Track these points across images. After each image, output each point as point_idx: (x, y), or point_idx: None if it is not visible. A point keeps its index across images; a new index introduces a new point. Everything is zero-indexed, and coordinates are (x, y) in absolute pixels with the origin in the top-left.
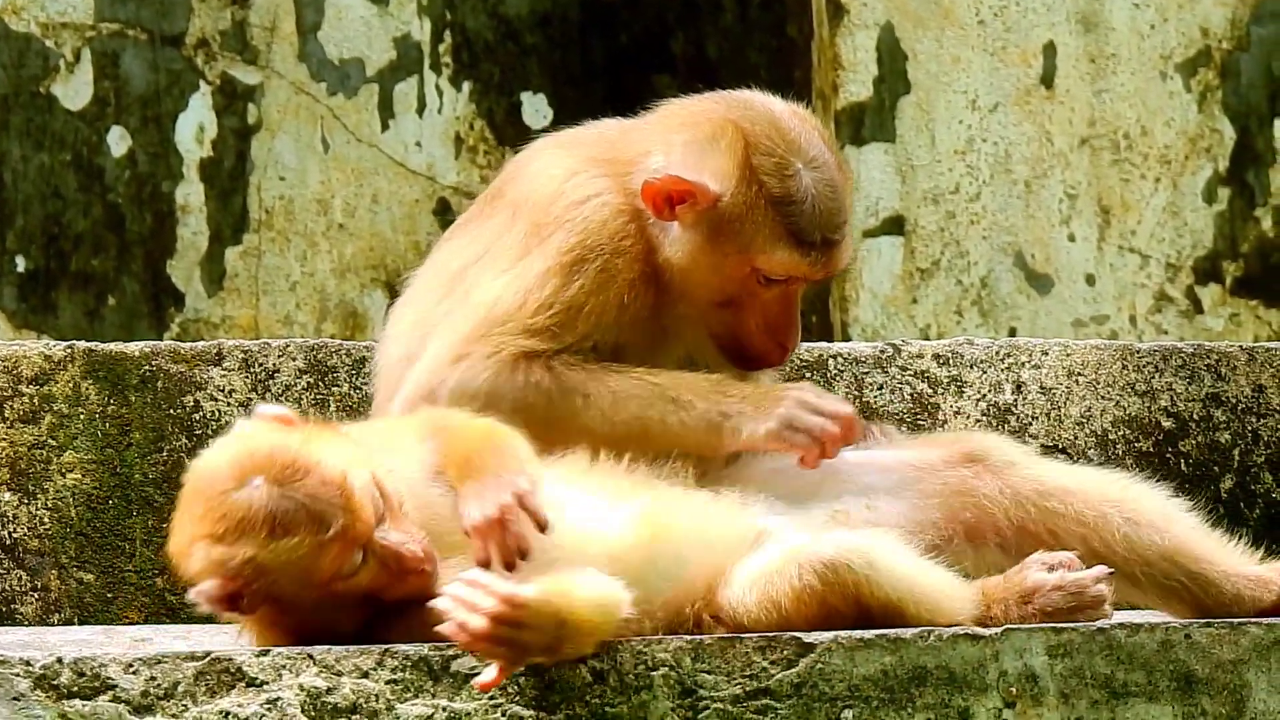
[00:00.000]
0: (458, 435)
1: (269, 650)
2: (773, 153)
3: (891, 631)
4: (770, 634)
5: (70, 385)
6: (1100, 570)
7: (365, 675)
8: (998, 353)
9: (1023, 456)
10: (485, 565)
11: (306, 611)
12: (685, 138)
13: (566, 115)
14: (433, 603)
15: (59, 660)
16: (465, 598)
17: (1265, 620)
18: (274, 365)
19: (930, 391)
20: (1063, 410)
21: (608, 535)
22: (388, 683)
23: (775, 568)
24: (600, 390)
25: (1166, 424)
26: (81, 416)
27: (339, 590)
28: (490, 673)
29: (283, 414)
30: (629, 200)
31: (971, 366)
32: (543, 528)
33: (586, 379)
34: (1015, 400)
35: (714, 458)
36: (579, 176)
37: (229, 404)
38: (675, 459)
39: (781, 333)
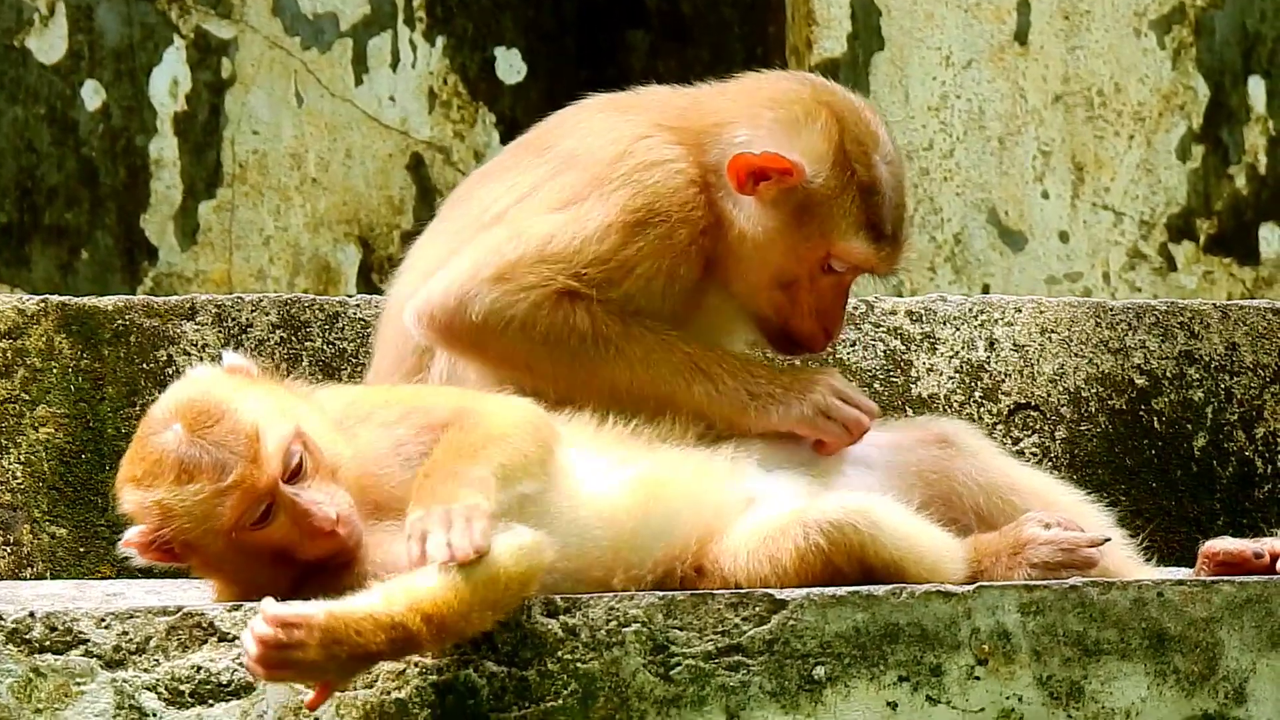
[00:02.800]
0: (467, 431)
1: (241, 605)
2: (861, 141)
3: (864, 589)
4: (742, 590)
5: (43, 339)
6: (1097, 535)
7: None
8: (971, 309)
9: (986, 446)
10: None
11: (233, 564)
12: (775, 115)
13: (540, 71)
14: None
15: (31, 614)
16: (250, 622)
17: (1237, 579)
18: (247, 320)
19: (903, 348)
20: (1036, 367)
21: (602, 498)
22: None
23: (778, 528)
24: (634, 347)
25: (1140, 381)
26: (54, 371)
27: (250, 542)
28: (311, 694)
29: (241, 364)
30: (700, 171)
31: (944, 323)
32: (483, 553)
33: (623, 333)
34: (988, 357)
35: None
36: (650, 140)
37: (202, 358)
38: (680, 423)
39: (829, 319)
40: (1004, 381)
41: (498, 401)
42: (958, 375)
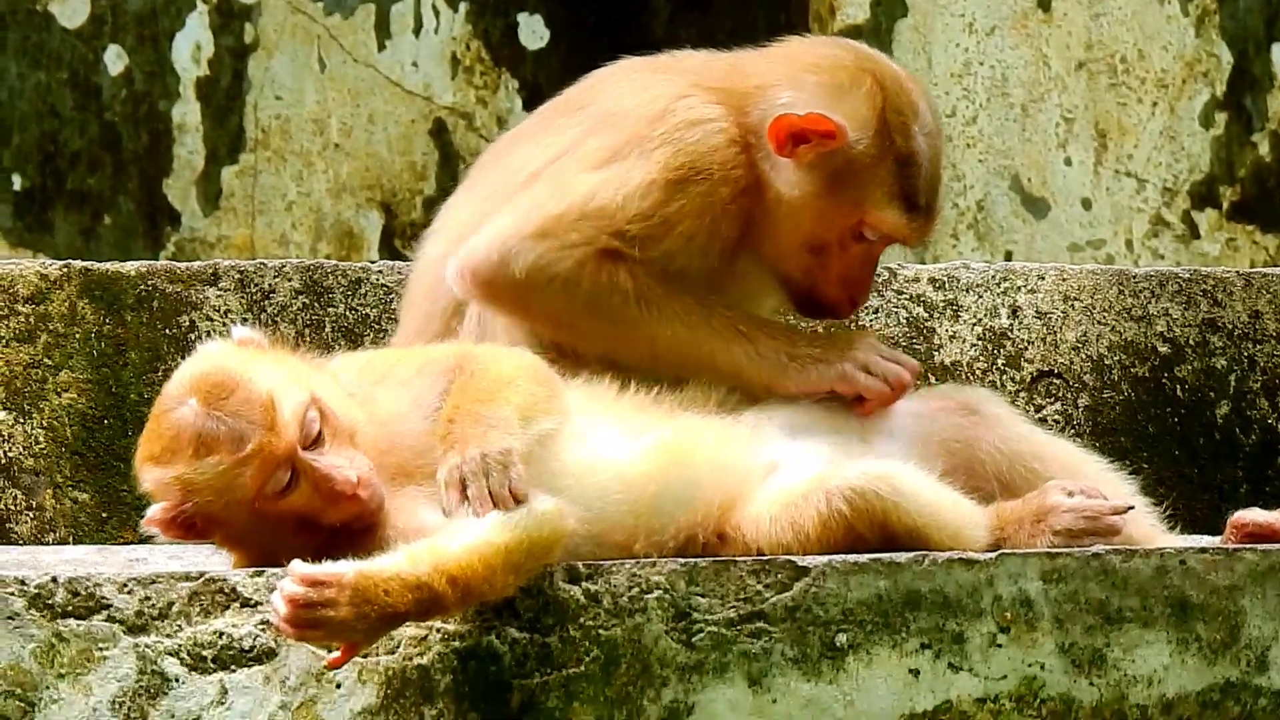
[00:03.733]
0: (478, 376)
1: (263, 571)
2: (902, 111)
3: (886, 555)
4: (764, 557)
5: (66, 304)
6: (1121, 503)
7: None
8: (994, 277)
9: (1010, 415)
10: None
11: (258, 535)
12: (819, 79)
13: (562, 36)
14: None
15: (54, 580)
16: (280, 583)
17: (1260, 546)
18: (270, 285)
19: (926, 316)
20: (1059, 335)
21: (624, 464)
22: None
23: (800, 494)
24: (674, 308)
25: (1163, 349)
26: (77, 336)
27: (272, 512)
28: (331, 653)
29: (251, 336)
30: (741, 132)
31: (967, 290)
32: (519, 500)
33: (665, 295)
34: (1011, 325)
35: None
36: (690, 99)
37: (225, 324)
38: (712, 386)
39: (856, 287)
40: (1026, 349)
41: (492, 350)
42: (980, 343)
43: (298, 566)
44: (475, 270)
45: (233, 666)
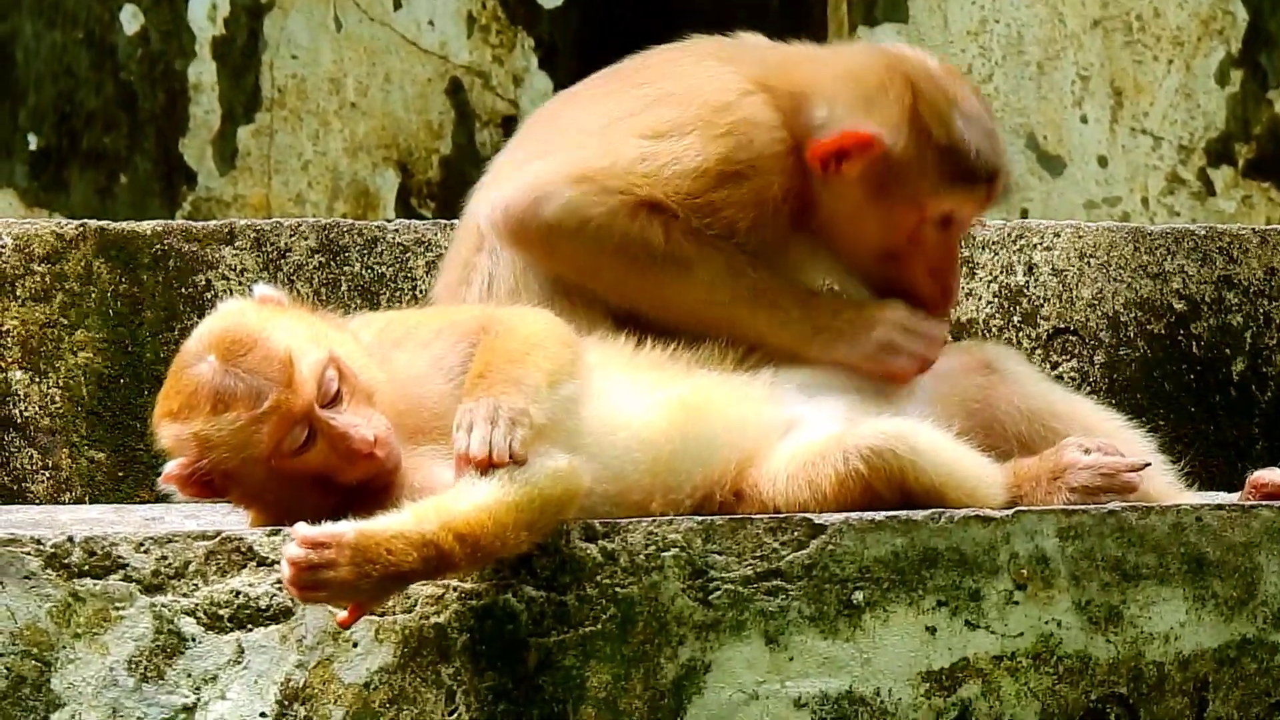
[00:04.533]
0: (504, 337)
1: (280, 530)
2: (936, 103)
3: (902, 513)
4: (781, 515)
5: (82, 264)
6: (1137, 460)
7: None
8: (1010, 234)
9: (1028, 372)
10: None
11: (275, 493)
12: (851, 91)
13: None
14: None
15: (70, 539)
16: (284, 547)
17: (1277, 503)
18: (286, 245)
19: None
20: (1074, 292)
21: (640, 421)
22: None
23: (818, 452)
24: (703, 268)
25: (1178, 306)
26: (93, 295)
27: (290, 469)
28: (343, 612)
29: (272, 294)
30: (792, 134)
31: (983, 248)
32: (517, 460)
33: (695, 252)
34: (1027, 282)
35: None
36: (755, 98)
37: (240, 283)
38: (732, 347)
39: (944, 277)
40: (1042, 306)
41: (517, 311)
42: (996, 300)
43: (299, 529)
44: (507, 209)
45: (249, 626)
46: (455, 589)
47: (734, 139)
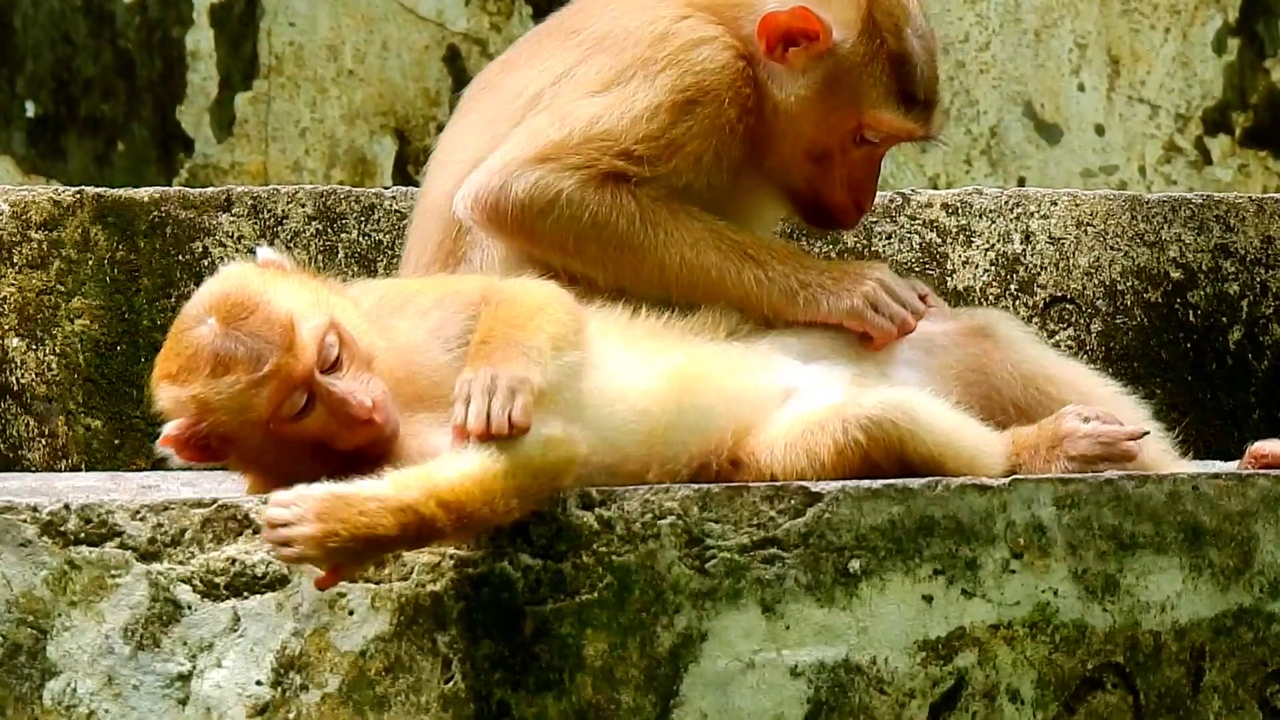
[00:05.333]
0: (507, 304)
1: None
2: (891, 13)
3: (899, 481)
4: (778, 483)
5: (79, 231)
6: (1136, 428)
7: None
8: (1007, 202)
9: (1025, 337)
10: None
11: (273, 458)
12: None
13: None
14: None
15: (66, 506)
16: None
17: (1273, 472)
18: (283, 211)
19: (939, 241)
20: (1071, 261)
21: (637, 390)
22: None
23: (816, 422)
24: (682, 232)
25: (1175, 275)
26: (90, 262)
27: (288, 434)
28: (319, 571)
29: (274, 259)
30: (742, 47)
31: (980, 216)
32: (516, 429)
33: (670, 216)
34: (1024, 250)
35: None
36: (691, 20)
37: (238, 250)
38: (720, 314)
39: (860, 192)
40: (1040, 274)
41: (518, 281)
42: (993, 268)
43: (279, 493)
44: (478, 198)
45: (245, 593)
46: (451, 557)
47: (678, 66)
